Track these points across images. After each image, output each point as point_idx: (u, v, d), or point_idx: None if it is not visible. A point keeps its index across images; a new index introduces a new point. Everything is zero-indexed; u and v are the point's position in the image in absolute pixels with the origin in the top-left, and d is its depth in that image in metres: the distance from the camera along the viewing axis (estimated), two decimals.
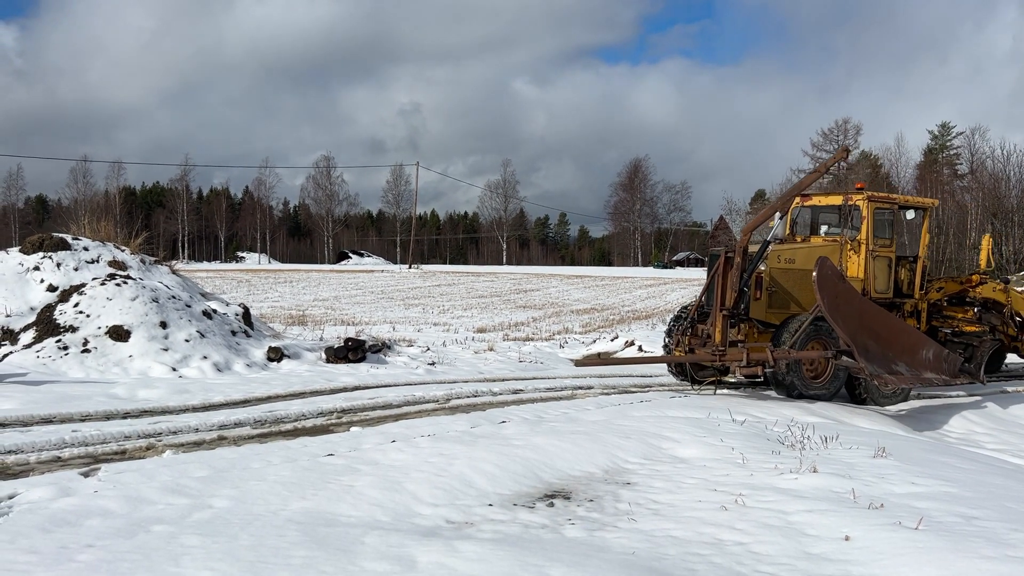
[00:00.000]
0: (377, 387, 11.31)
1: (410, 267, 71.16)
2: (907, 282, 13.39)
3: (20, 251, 13.68)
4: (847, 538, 4.94)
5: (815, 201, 13.60)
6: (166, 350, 11.83)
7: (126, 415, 8.71)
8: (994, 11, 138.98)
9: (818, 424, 8.96)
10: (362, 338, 13.96)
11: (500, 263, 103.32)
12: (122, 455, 6.96)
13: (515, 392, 11.40)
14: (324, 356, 13.18)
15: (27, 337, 11.95)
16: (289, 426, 8.50)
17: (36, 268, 13.10)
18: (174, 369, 11.53)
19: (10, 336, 11.99)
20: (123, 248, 14.41)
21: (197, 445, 7.43)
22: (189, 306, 13.02)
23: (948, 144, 70.62)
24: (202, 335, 12.40)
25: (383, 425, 8.44)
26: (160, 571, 4.13)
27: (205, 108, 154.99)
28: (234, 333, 13.26)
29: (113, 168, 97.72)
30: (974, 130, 67.06)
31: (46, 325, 12.04)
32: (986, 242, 15.41)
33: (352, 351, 13.24)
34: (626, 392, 11.68)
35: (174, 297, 13.00)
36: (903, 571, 4.43)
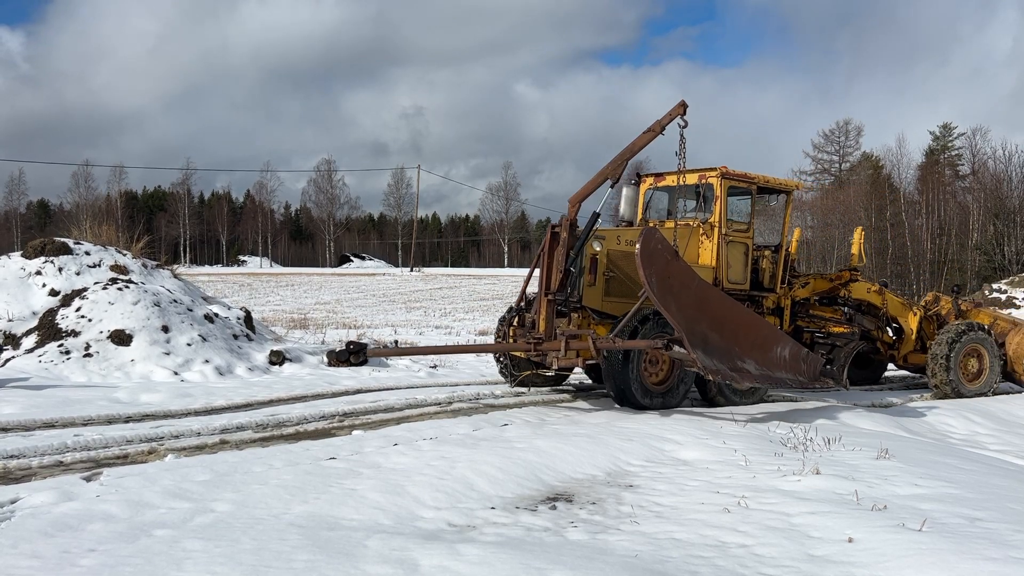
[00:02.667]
0: (379, 390, 11.31)
1: (412, 270, 71.18)
2: (769, 274, 12.14)
3: (22, 255, 13.70)
4: (850, 540, 4.93)
5: (669, 181, 11.98)
6: (168, 354, 11.83)
7: (128, 419, 8.71)
8: (995, 12, 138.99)
9: (820, 426, 8.95)
10: (364, 341, 13.96)
11: (502, 266, 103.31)
12: (124, 459, 6.95)
13: (517, 395, 11.39)
14: (326, 359, 13.18)
15: (29, 341, 11.96)
16: (291, 430, 8.50)
17: (38, 272, 13.11)
18: (176, 373, 11.54)
19: (12, 340, 11.99)
20: (125, 252, 14.42)
21: (199, 449, 7.43)
22: (191, 310, 13.02)
23: (950, 145, 70.47)
24: (204, 339, 12.40)
25: (385, 428, 8.43)
26: (162, 575, 4.12)
27: (208, 112, 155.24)
28: (236, 337, 13.27)
29: (115, 172, 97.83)
30: (975, 131, 67.07)
31: (48, 329, 12.05)
32: (858, 235, 14.33)
33: (354, 354, 13.24)
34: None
35: (176, 301, 13.00)
36: (906, 573, 4.42)
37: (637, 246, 8.55)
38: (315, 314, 27.75)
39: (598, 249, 10.42)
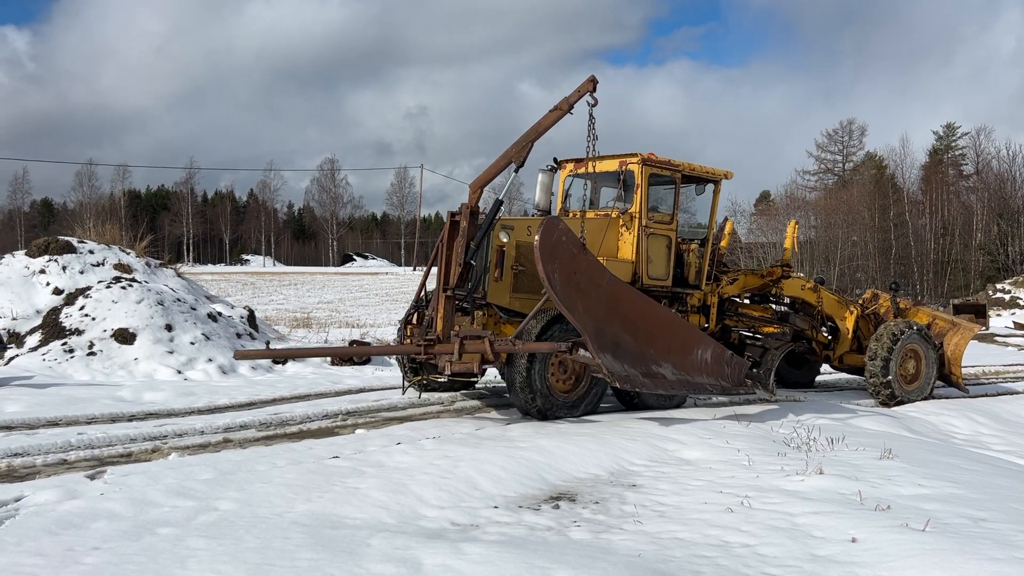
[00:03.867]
0: (382, 389, 11.31)
1: (415, 269, 71.18)
2: (695, 270, 11.23)
3: (26, 254, 13.73)
4: (853, 540, 4.93)
5: (590, 168, 10.83)
6: (171, 353, 11.85)
7: (131, 418, 8.72)
8: (998, 12, 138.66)
9: (824, 426, 8.94)
10: (367, 340, 13.97)
11: None
12: (128, 458, 6.97)
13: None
14: (329, 358, 13.19)
15: (33, 340, 11.99)
16: (294, 428, 8.51)
17: (42, 271, 13.14)
18: (179, 372, 11.56)
19: (16, 339, 12.02)
20: (128, 251, 14.45)
21: (202, 448, 7.44)
22: (194, 309, 13.04)
23: (953, 145, 70.33)
24: (207, 338, 12.41)
25: (388, 427, 8.44)
26: (166, 574, 4.13)
27: (212, 111, 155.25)
28: (239, 336, 13.29)
29: (118, 171, 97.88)
30: (979, 131, 66.99)
31: (52, 328, 12.07)
32: (791, 228, 13.57)
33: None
34: None
35: (179, 300, 13.02)
36: (910, 573, 4.41)
37: (536, 238, 7.64)
38: (318, 313, 27.77)
39: (505, 240, 9.44)
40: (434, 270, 9.27)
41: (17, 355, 11.61)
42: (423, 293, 9.81)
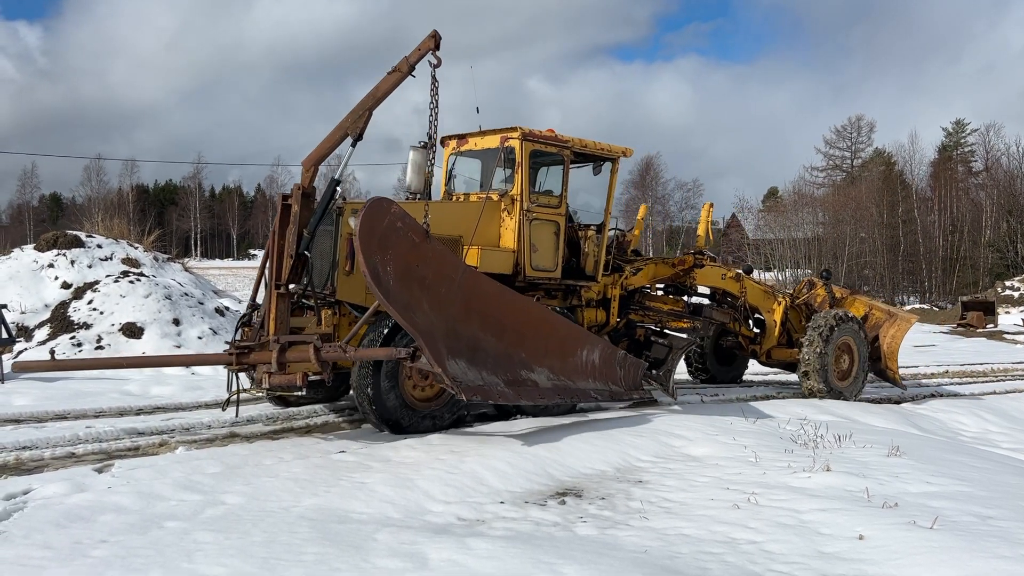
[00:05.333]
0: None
1: None
2: (592, 260, 10.17)
3: (35, 248, 13.79)
4: (861, 537, 4.91)
5: (473, 144, 9.95)
6: (179, 347, 11.89)
7: (139, 411, 8.75)
8: (1008, 9, 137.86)
9: (831, 423, 8.91)
10: None
11: None
12: (135, 451, 6.99)
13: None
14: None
15: (41, 334, 12.04)
16: (301, 423, 8.52)
17: (50, 265, 13.19)
18: (187, 366, 11.58)
19: (25, 333, 12.07)
20: (136, 246, 14.49)
21: (210, 442, 7.45)
22: (202, 303, 13.08)
23: (962, 141, 70.00)
24: (215, 332, 12.45)
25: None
26: (173, 567, 4.14)
27: (221, 107, 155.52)
28: None
29: (127, 166, 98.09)
30: (989, 127, 66.58)
31: (60, 322, 12.12)
32: (705, 211, 12.54)
33: None
34: None
35: (187, 294, 13.06)
36: (918, 571, 4.39)
37: (355, 223, 6.50)
38: None
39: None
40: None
41: (26, 349, 11.66)
42: (257, 292, 8.43)
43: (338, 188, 7.81)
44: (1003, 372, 17.53)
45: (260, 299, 8.09)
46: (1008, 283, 43.04)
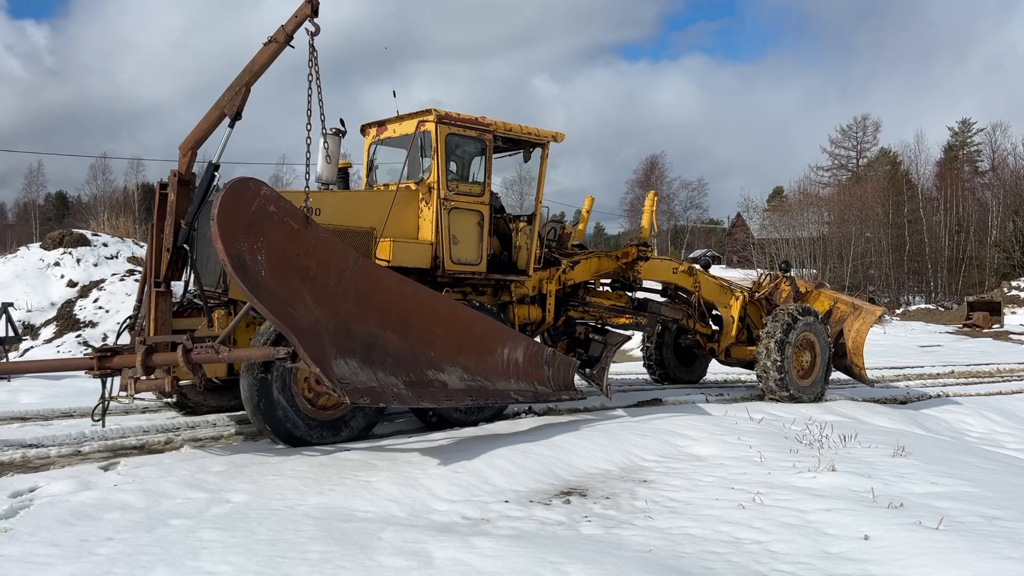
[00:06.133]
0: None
1: None
2: (524, 253, 9.54)
3: (41, 247, 13.84)
4: (866, 537, 4.90)
5: (391, 131, 9.35)
6: None
7: (145, 409, 8.77)
8: (1015, 8, 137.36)
9: (836, 423, 8.90)
10: None
11: None
12: (141, 449, 7.01)
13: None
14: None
15: (47, 332, 12.08)
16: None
17: (56, 264, 13.24)
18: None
19: (31, 331, 12.11)
20: (142, 244, 14.55)
21: (215, 440, 7.47)
22: None
23: (969, 141, 69.82)
24: None
25: (400, 421, 8.45)
26: (179, 565, 4.15)
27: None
28: None
29: (132, 165, 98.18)
30: (995, 127, 66.44)
31: (66, 320, 12.17)
32: (650, 201, 11.88)
33: None
34: None
35: None
36: (923, 571, 4.38)
37: (214, 209, 5.72)
38: None
39: None
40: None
41: (32, 347, 11.70)
42: (140, 289, 7.71)
43: (217, 174, 6.96)
44: (1009, 372, 17.48)
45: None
46: (1014, 283, 42.94)
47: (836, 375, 12.13)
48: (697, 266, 11.88)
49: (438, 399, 7.01)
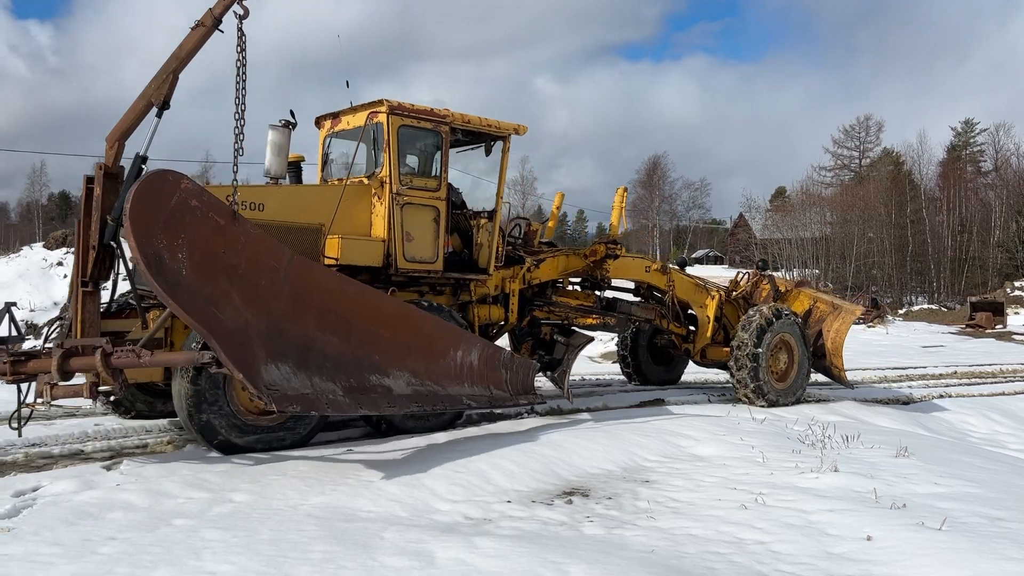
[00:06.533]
0: None
1: None
2: (485, 251, 9.09)
3: (44, 246, 13.86)
4: (869, 538, 4.90)
5: (345, 123, 8.95)
6: None
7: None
8: (1018, 8, 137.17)
9: (839, 423, 8.89)
10: None
11: None
12: (144, 449, 7.02)
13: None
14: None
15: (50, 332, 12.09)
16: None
17: (59, 263, 13.26)
18: None
19: (34, 330, 12.13)
20: None
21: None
22: None
23: (972, 141, 69.76)
24: None
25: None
26: (181, 564, 4.16)
27: (230, 106, 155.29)
28: None
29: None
30: (998, 127, 66.29)
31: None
32: (619, 197, 11.37)
33: None
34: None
35: None
36: (926, 572, 4.38)
37: (127, 204, 5.36)
38: None
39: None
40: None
41: (35, 346, 11.72)
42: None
43: (144, 166, 6.48)
44: (1012, 373, 17.45)
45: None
46: (1017, 283, 42.89)
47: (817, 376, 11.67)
48: (673, 265, 11.62)
49: (379, 406, 6.60)
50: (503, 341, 9.69)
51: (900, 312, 42.70)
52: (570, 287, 10.71)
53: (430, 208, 8.47)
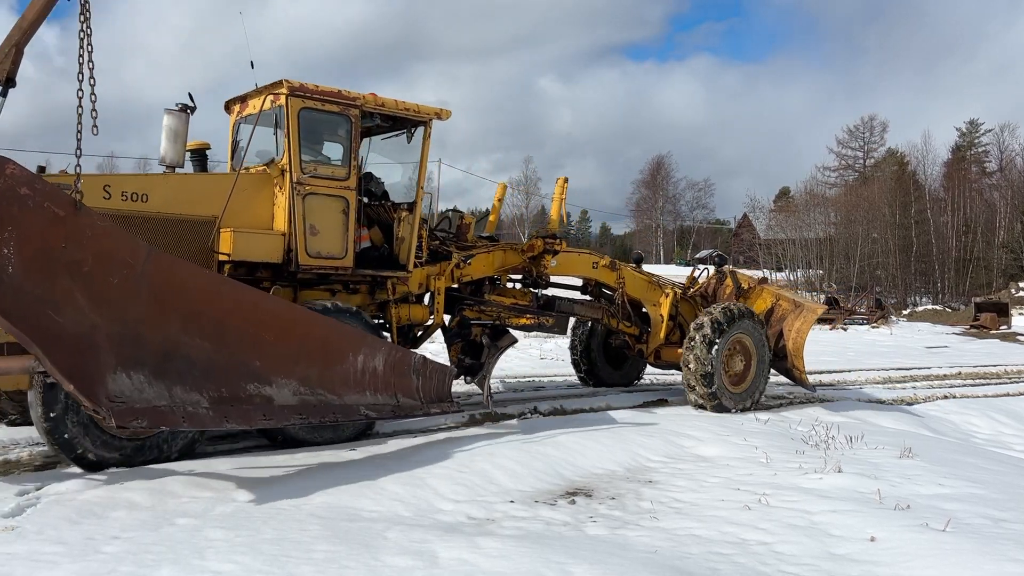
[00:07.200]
0: None
1: None
2: (407, 245, 8.45)
3: None
4: (872, 539, 4.89)
5: (251, 107, 8.26)
6: None
7: None
8: (1022, 9, 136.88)
9: (843, 424, 8.88)
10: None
11: None
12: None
13: (537, 388, 11.39)
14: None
15: None
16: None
17: None
18: None
19: None
20: None
21: (221, 439, 7.48)
22: None
23: (976, 141, 69.70)
24: None
25: (406, 420, 8.45)
26: (185, 563, 4.16)
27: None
28: None
29: (140, 164, 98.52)
30: (1003, 127, 66.25)
31: None
32: (559, 188, 10.60)
33: None
34: None
35: None
36: (929, 573, 4.37)
37: None
38: None
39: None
40: None
41: None
42: None
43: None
44: (1016, 374, 17.41)
45: None
46: (1022, 284, 42.82)
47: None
48: (629, 262, 11.02)
49: (252, 419, 5.89)
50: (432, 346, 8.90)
51: (904, 313, 42.61)
52: (512, 285, 10.07)
53: (338, 199, 7.86)
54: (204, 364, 5.66)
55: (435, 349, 12.03)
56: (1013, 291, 42.34)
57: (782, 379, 13.99)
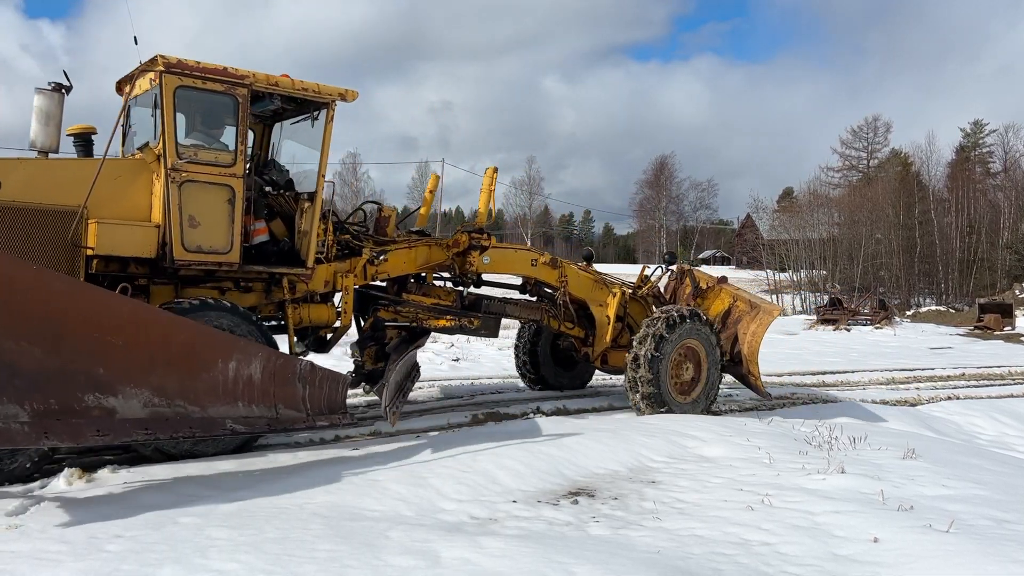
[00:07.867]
0: None
1: None
2: (307, 240, 7.76)
3: None
4: (875, 540, 4.88)
5: (144, 87, 7.41)
6: None
7: None
8: None
9: (846, 424, 8.86)
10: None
11: None
12: None
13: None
14: (350, 352, 13.19)
15: None
16: None
17: None
18: None
19: None
20: None
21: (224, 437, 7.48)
22: None
23: (980, 142, 69.61)
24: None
25: (408, 420, 8.45)
26: (188, 562, 4.17)
27: None
28: None
29: None
30: (1007, 128, 66.11)
31: None
32: (488, 179, 9.79)
33: None
34: None
35: None
36: (932, 574, 4.36)
37: None
38: None
39: None
40: None
41: None
42: None
43: None
44: (1021, 375, 17.37)
45: None
46: None
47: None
48: (578, 261, 10.52)
49: (82, 435, 5.10)
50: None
51: (908, 313, 42.53)
52: (439, 283, 9.41)
53: (222, 187, 7.12)
54: (32, 373, 4.92)
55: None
56: (1017, 292, 42.22)
57: (784, 380, 14.01)
